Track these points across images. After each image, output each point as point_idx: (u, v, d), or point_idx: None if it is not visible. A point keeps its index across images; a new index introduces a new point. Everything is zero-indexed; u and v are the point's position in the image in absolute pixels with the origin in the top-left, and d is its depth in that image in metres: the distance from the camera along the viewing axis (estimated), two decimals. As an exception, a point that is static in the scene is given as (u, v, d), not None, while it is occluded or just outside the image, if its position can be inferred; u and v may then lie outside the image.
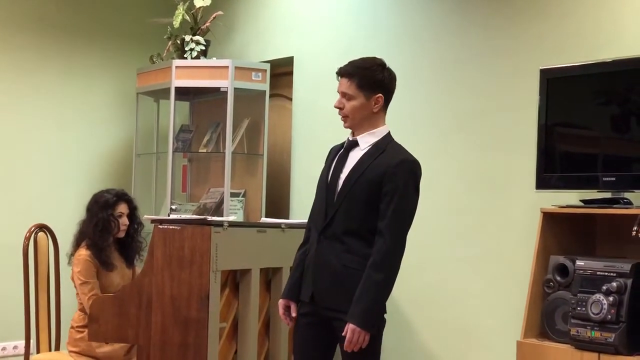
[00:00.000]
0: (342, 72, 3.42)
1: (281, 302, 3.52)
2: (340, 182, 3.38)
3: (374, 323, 3.28)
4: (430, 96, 4.56)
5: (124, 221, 4.65)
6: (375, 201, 3.30)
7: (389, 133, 3.44)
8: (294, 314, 3.47)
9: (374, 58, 3.47)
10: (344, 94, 3.39)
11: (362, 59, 3.45)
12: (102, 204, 4.62)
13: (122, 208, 4.67)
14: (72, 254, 4.62)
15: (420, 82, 4.62)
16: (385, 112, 3.47)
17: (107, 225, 4.59)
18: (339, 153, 3.48)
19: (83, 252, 4.56)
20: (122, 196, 4.70)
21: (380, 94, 3.39)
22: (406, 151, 3.40)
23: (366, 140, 3.41)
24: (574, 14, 3.92)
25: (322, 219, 3.39)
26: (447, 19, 4.51)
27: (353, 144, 3.44)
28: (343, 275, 3.31)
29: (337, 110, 3.43)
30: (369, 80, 3.38)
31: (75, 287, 4.63)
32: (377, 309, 3.29)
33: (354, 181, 3.34)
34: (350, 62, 3.44)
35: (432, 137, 4.53)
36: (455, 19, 4.46)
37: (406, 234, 3.34)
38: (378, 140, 3.40)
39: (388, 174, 3.29)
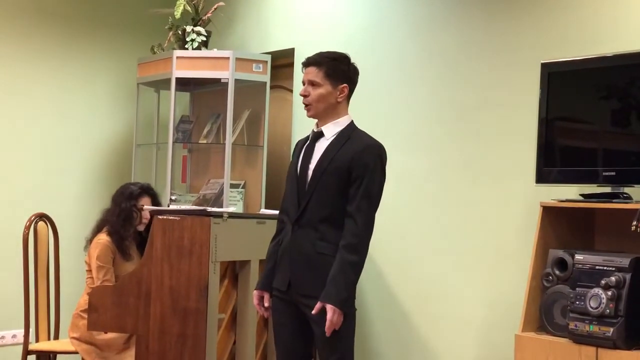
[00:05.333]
0: (310, 62, 3.58)
1: (255, 292, 3.66)
2: (310, 172, 3.52)
3: (349, 304, 3.42)
4: (430, 89, 4.56)
5: (146, 214, 4.71)
6: (345, 187, 3.45)
7: (352, 122, 3.61)
8: (266, 304, 3.61)
9: (340, 52, 3.64)
10: (311, 82, 3.54)
11: (329, 51, 3.62)
12: (127, 195, 4.74)
13: (145, 201, 4.77)
14: (91, 239, 4.67)
15: (420, 75, 4.61)
16: (348, 104, 3.63)
17: (130, 216, 4.69)
18: (306, 145, 3.62)
19: (103, 237, 4.65)
20: (146, 190, 4.83)
21: (345, 84, 3.56)
22: (371, 137, 3.57)
23: (331, 130, 3.56)
24: (576, 8, 3.91)
25: (295, 209, 3.52)
26: (448, 12, 4.50)
27: (319, 135, 3.58)
28: (317, 262, 3.44)
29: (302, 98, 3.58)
30: (336, 70, 3.55)
31: (87, 270, 4.67)
32: (351, 289, 3.43)
33: (324, 170, 3.49)
34: (317, 53, 3.61)
35: (432, 130, 4.52)
36: (456, 12, 4.45)
37: (374, 215, 3.48)
38: (342, 129, 3.56)
39: (355, 160, 3.44)
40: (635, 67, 3.40)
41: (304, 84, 3.59)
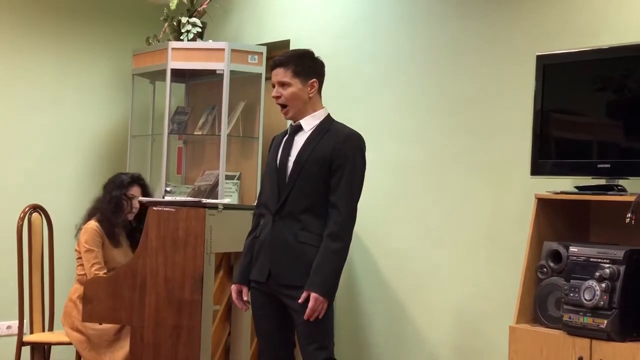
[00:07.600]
0: (276, 63, 3.61)
1: (234, 287, 3.68)
2: (290, 164, 3.56)
3: (334, 291, 3.46)
4: (425, 81, 4.55)
5: (136, 204, 4.83)
6: (326, 178, 3.50)
7: (329, 114, 3.66)
8: (245, 298, 3.64)
9: (304, 48, 3.71)
10: (281, 83, 3.57)
11: (293, 50, 3.72)
12: (118, 183, 4.83)
13: (135, 191, 4.86)
14: (81, 227, 4.73)
15: (416, 67, 4.61)
16: (321, 96, 3.68)
17: (119, 203, 4.78)
18: (285, 139, 3.65)
19: (92, 223, 4.73)
20: (136, 179, 4.92)
21: (314, 79, 3.60)
22: (349, 127, 3.63)
23: (309, 123, 3.60)
24: (572, 0, 3.91)
25: (275, 200, 3.54)
26: (444, 4, 4.49)
27: (297, 129, 3.62)
28: (299, 251, 3.47)
29: (276, 101, 3.61)
30: (303, 67, 3.58)
31: (77, 258, 4.72)
32: (336, 277, 3.46)
33: (304, 161, 3.52)
34: (282, 54, 3.66)
35: (427, 122, 4.52)
36: (452, 3, 4.45)
37: (357, 204, 3.53)
38: (321, 122, 3.61)
39: (336, 150, 3.50)
40: (630, 59, 3.40)
41: (274, 87, 3.62)
